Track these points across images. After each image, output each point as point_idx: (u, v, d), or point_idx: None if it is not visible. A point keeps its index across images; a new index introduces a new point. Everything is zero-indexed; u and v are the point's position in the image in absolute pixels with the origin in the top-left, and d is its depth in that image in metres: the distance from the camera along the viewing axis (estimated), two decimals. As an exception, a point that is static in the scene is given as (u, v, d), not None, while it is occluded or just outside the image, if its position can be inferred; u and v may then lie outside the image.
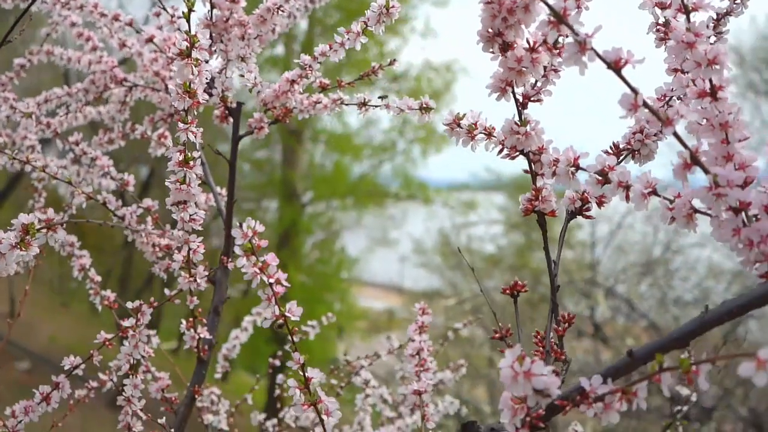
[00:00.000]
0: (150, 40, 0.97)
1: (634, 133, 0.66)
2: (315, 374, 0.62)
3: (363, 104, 0.92)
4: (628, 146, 0.66)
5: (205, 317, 0.96)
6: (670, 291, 6.72)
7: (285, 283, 0.61)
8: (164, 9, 0.92)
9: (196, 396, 0.95)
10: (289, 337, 0.63)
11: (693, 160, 0.50)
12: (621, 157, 0.66)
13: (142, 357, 0.93)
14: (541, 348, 0.61)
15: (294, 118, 0.99)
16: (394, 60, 0.97)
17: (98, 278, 1.06)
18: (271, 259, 0.61)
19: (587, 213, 0.65)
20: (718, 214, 0.50)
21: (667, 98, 0.67)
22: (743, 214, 0.49)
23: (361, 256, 11.38)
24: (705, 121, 0.53)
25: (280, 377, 1.30)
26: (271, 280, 0.60)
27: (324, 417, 0.62)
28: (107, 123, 1.18)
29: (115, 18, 1.06)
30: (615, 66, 0.49)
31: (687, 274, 7.24)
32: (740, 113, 0.52)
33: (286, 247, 10.74)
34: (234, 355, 1.37)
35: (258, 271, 0.60)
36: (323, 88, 0.96)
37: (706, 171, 0.49)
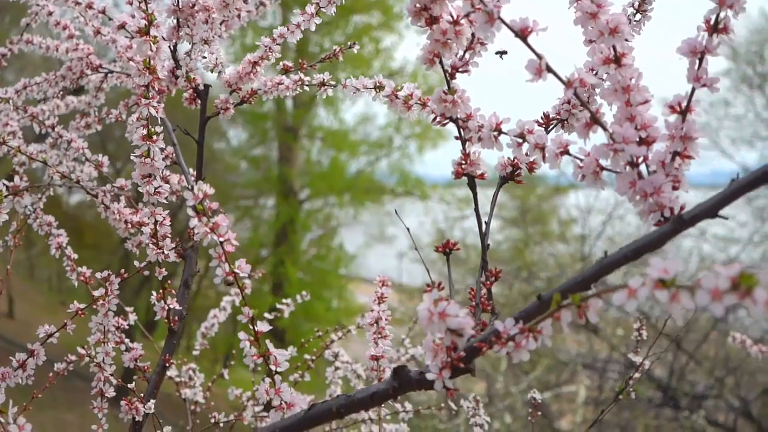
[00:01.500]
0: (122, 26, 1.02)
1: (562, 104, 0.71)
2: (263, 327, 0.67)
3: (322, 84, 0.96)
4: (558, 116, 0.71)
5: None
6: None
7: (234, 242, 0.65)
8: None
9: (167, 364, 1.00)
10: (240, 294, 0.67)
11: (593, 119, 0.54)
12: (551, 126, 0.71)
13: (116, 328, 0.99)
14: (473, 303, 0.66)
15: (292, 118, 1.04)
16: (354, 43, 1.02)
17: (75, 255, 1.11)
18: (222, 219, 0.65)
19: (518, 178, 0.70)
20: (618, 169, 0.55)
21: (594, 70, 0.72)
22: (639, 168, 0.54)
23: (359, 252, 11.43)
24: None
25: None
26: (222, 239, 0.65)
27: (273, 367, 0.67)
28: (84, 109, 1.23)
29: (89, 6, 1.11)
30: (522, 34, 0.54)
31: (684, 267, 7.29)
32: (641, 78, 0.57)
33: (283, 243, 10.79)
34: (212, 333, 1.41)
35: (209, 230, 0.64)
36: (286, 71, 1.00)
37: (605, 129, 0.54)
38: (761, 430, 5.79)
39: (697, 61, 0.54)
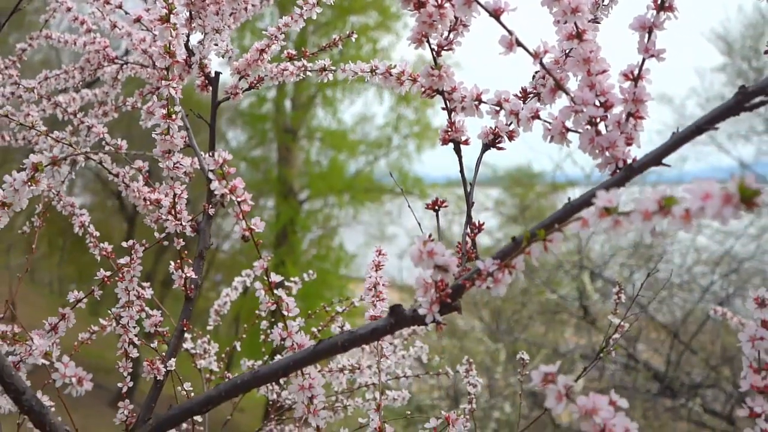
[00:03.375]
0: (138, 20, 1.11)
1: (538, 79, 0.80)
2: (276, 278, 0.76)
3: (323, 69, 1.06)
4: (534, 89, 0.80)
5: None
6: (657, 274, 6.87)
7: (250, 202, 0.75)
8: (149, -9, 1.06)
9: (185, 329, 1.09)
10: (256, 250, 0.77)
11: (557, 86, 0.64)
12: (528, 98, 0.80)
13: (137, 296, 1.08)
14: (459, 251, 0.75)
15: (291, 119, 1.13)
16: (352, 32, 1.11)
17: (96, 233, 1.20)
18: (239, 182, 0.74)
19: (500, 145, 0.79)
20: (580, 129, 0.64)
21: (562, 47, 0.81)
22: (598, 127, 0.63)
23: (359, 252, 11.51)
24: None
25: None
26: (240, 199, 0.74)
27: (285, 314, 0.76)
28: (101, 98, 1.32)
29: (107, 2, 1.20)
30: (495, 13, 0.63)
31: (680, 260, 7.38)
32: (599, 51, 0.66)
33: (284, 244, 10.87)
34: (225, 311, 1.51)
35: (228, 191, 0.74)
36: (290, 58, 1.10)
37: (567, 93, 0.63)
38: (757, 418, 5.87)
39: (647, 35, 0.64)
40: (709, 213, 0.42)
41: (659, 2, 0.63)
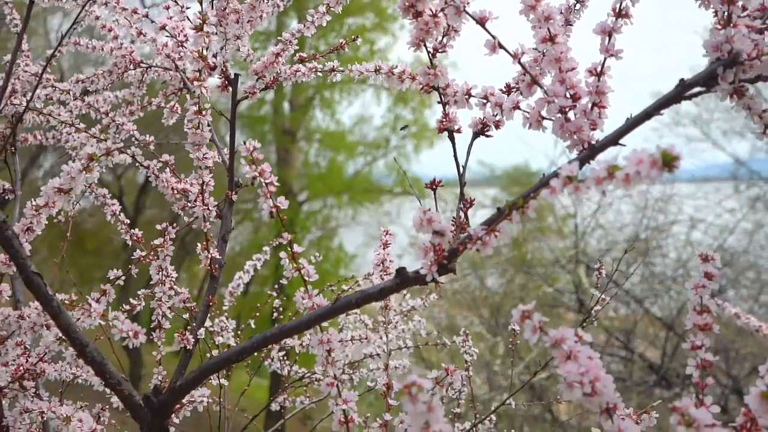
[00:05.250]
0: (163, 27, 1.24)
1: (519, 75, 0.93)
2: (298, 249, 0.89)
3: (332, 70, 1.19)
4: (517, 85, 0.93)
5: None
6: (652, 268, 7.01)
7: (276, 183, 0.87)
8: (175, 1, 1.19)
9: (210, 303, 1.22)
10: (281, 223, 0.90)
11: (533, 81, 0.77)
12: (512, 93, 0.93)
13: (166, 276, 1.21)
14: (453, 226, 0.88)
15: (290, 120, 1.26)
16: (357, 36, 1.24)
17: (127, 220, 1.33)
18: (266, 167, 0.87)
19: (488, 133, 0.92)
20: (552, 117, 0.77)
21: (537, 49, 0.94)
22: (567, 115, 0.76)
23: (359, 252, 11.63)
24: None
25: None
26: (267, 181, 0.87)
27: (306, 279, 0.89)
28: (128, 99, 1.45)
29: (134, 11, 1.33)
30: (481, 21, 0.76)
31: (675, 255, 7.52)
32: (569, 52, 0.79)
33: (283, 244, 10.98)
34: (238, 292, 1.64)
35: (257, 174, 0.87)
36: (302, 61, 1.23)
37: (541, 87, 0.76)
38: (751, 407, 6.00)
39: (607, 37, 0.77)
40: (642, 175, 0.55)
41: (617, 10, 0.77)
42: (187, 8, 1.19)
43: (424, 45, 0.84)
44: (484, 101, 0.84)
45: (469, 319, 6.92)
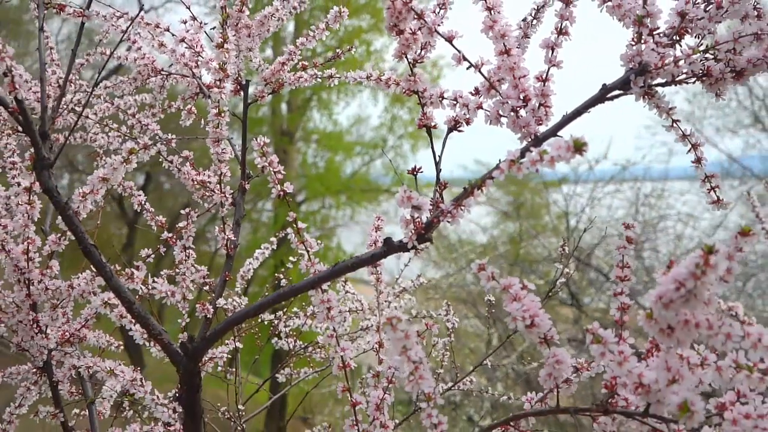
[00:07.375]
0: (182, 40, 1.43)
1: (483, 81, 1.12)
2: (302, 225, 1.08)
3: (331, 77, 1.38)
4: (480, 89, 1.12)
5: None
6: (645, 262, 7.21)
7: (282, 172, 1.07)
8: (194, 18, 1.38)
9: (227, 278, 1.41)
10: (288, 205, 1.09)
11: (491, 86, 0.96)
12: (479, 95, 1.12)
13: (187, 257, 1.40)
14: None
15: (287, 121, 1.45)
16: (352, 47, 1.44)
17: (152, 209, 1.52)
18: (275, 157, 1.06)
19: (460, 129, 1.11)
20: (507, 115, 0.97)
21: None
22: (519, 113, 0.96)
23: (357, 251, 11.79)
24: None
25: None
26: (275, 170, 1.06)
27: (308, 250, 1.08)
28: (151, 102, 1.64)
29: (156, 26, 1.52)
30: (448, 39, 0.95)
31: (668, 249, 7.71)
32: (521, 62, 0.98)
33: (282, 245, 11.18)
34: (249, 276, 1.83)
35: (267, 165, 1.06)
36: (304, 69, 1.42)
37: (497, 91, 0.96)
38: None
39: (550, 51, 0.96)
40: (562, 157, 0.74)
41: (558, 29, 0.96)
42: (205, 24, 1.38)
43: (406, 56, 1.04)
44: (455, 102, 1.03)
45: (464, 312, 7.13)
